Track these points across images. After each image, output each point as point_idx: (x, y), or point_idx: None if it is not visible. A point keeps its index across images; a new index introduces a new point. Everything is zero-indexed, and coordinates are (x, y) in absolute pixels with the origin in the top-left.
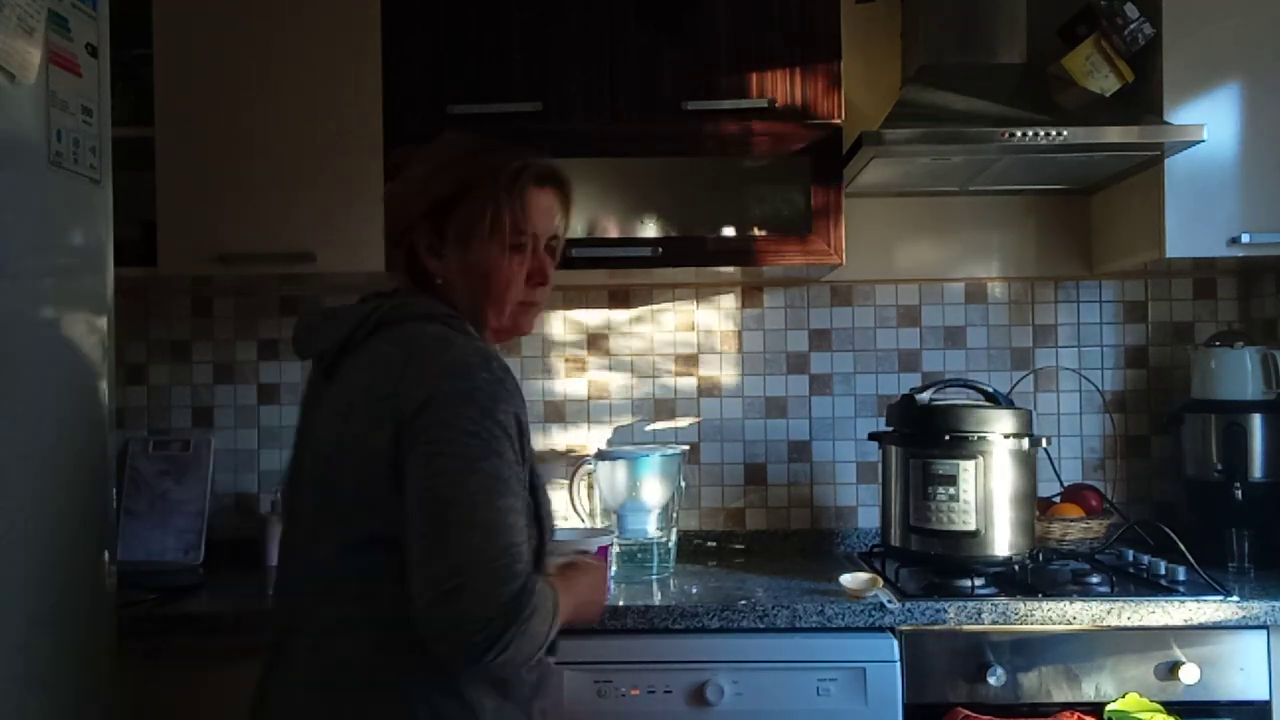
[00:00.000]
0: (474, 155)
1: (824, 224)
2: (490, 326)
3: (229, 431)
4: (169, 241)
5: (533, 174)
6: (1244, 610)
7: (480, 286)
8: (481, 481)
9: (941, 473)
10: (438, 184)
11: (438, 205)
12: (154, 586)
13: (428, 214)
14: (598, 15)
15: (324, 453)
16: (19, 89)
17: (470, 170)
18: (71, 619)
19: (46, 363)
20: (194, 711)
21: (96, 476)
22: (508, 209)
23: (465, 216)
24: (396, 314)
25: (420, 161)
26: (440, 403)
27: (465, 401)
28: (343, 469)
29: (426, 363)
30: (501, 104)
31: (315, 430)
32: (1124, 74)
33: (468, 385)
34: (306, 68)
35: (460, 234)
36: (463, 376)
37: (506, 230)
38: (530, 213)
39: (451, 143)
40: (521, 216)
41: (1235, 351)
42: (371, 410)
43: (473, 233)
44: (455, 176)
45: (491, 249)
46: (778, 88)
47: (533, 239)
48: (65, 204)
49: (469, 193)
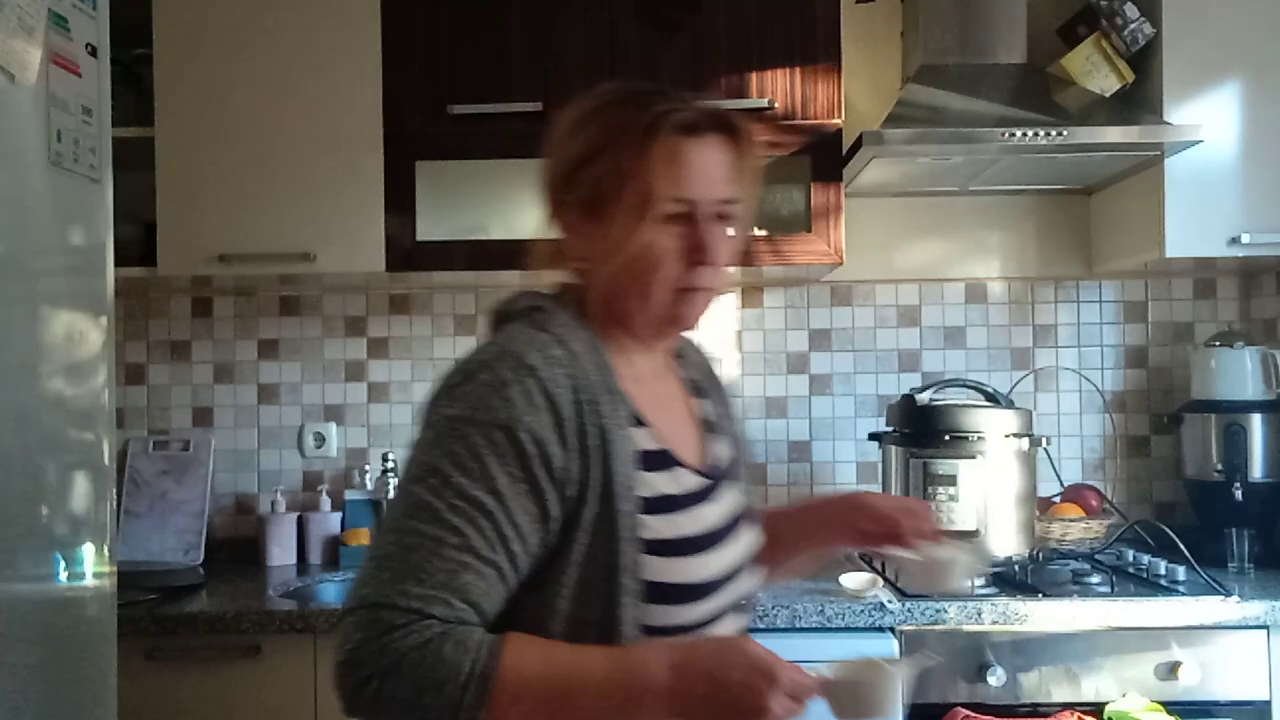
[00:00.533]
0: (610, 106)
1: (824, 224)
2: (637, 319)
3: (229, 431)
4: (169, 241)
5: (675, 124)
6: (1244, 610)
7: (619, 269)
8: (405, 505)
9: (941, 473)
10: (570, 146)
11: (570, 171)
12: (154, 586)
13: (563, 183)
14: (598, 15)
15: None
16: (19, 89)
17: (600, 125)
18: (71, 619)
19: (47, 363)
20: (194, 711)
21: (96, 476)
22: (638, 171)
23: (593, 184)
24: (501, 312)
25: (561, 120)
26: (424, 413)
27: (437, 411)
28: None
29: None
30: (501, 104)
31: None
32: (1124, 74)
33: (450, 393)
34: (306, 68)
35: (591, 205)
36: (454, 383)
37: (638, 198)
38: (675, 173)
39: (598, 94)
40: (657, 179)
41: (1235, 351)
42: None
43: (603, 203)
44: (585, 135)
45: (626, 221)
46: (778, 88)
47: (691, 205)
48: (65, 204)
49: (598, 154)
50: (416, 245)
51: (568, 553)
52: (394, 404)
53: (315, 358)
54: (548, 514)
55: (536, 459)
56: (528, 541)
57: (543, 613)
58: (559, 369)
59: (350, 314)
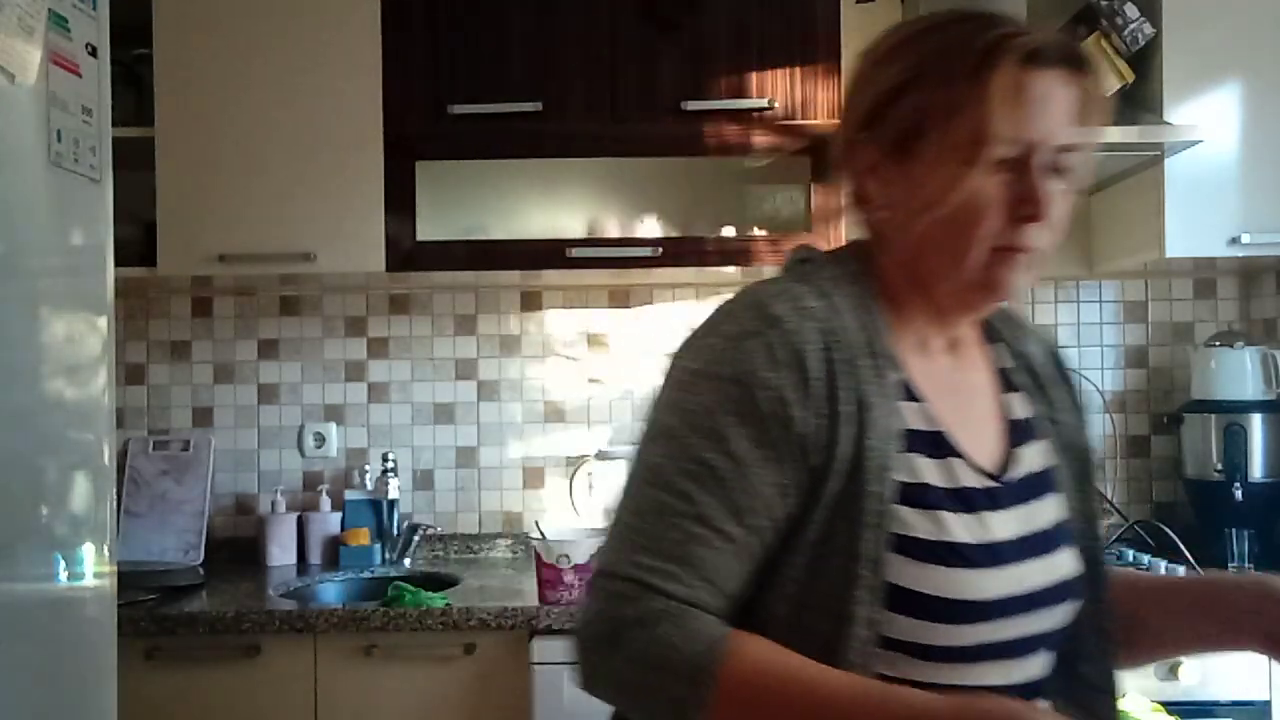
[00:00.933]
0: (935, 29)
1: (824, 224)
2: (943, 283)
3: (229, 431)
4: (169, 241)
5: (1019, 51)
6: None
7: (931, 220)
8: (639, 465)
9: None
10: (881, 75)
11: (878, 105)
12: (154, 586)
13: (868, 119)
14: (598, 15)
15: None
16: (19, 89)
17: (919, 51)
18: (71, 619)
19: (46, 363)
20: (194, 711)
21: (96, 476)
22: (970, 105)
23: (906, 117)
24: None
25: (870, 49)
26: (665, 368)
27: (676, 364)
28: None
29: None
30: (501, 104)
31: None
32: (1124, 74)
33: (690, 345)
34: (306, 68)
35: (900, 142)
36: (696, 335)
37: (968, 136)
38: (1016, 110)
39: (916, 20)
40: (994, 115)
41: (1235, 351)
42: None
43: (916, 140)
44: (903, 62)
45: (945, 163)
46: (778, 88)
47: (1024, 149)
48: (65, 204)
49: (914, 83)
50: (416, 245)
51: (802, 532)
52: (394, 404)
53: (315, 358)
54: (787, 483)
55: (776, 420)
56: (771, 513)
57: (764, 600)
58: (810, 322)
59: (350, 314)
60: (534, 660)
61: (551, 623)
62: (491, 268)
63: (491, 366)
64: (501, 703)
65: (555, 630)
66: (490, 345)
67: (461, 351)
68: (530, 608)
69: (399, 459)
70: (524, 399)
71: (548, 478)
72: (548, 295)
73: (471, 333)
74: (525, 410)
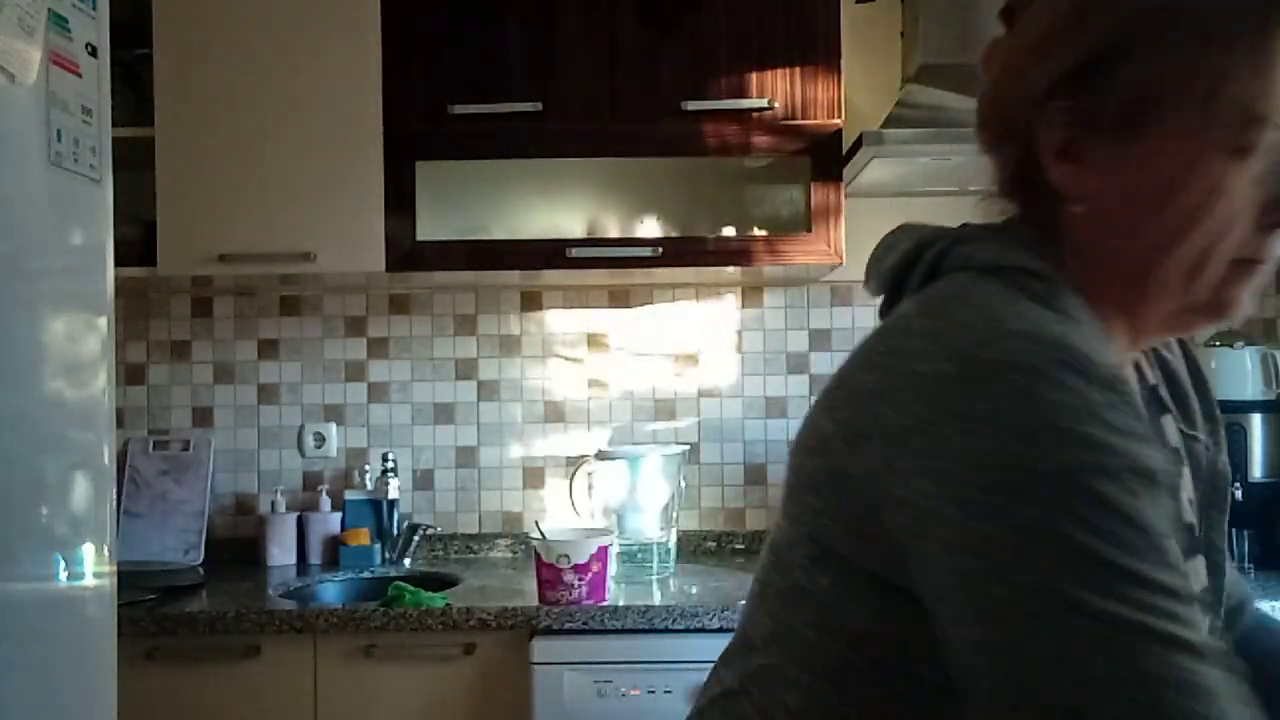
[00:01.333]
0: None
1: (824, 224)
2: (1160, 301)
3: (229, 431)
4: (169, 241)
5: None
6: None
7: (1156, 218)
8: (1016, 609)
9: None
10: (1084, 31)
11: (1080, 70)
12: (154, 586)
13: (1070, 80)
14: (598, 15)
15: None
16: (19, 89)
17: (1152, 3)
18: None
19: (46, 363)
20: (194, 711)
21: (96, 476)
22: (1242, 70)
23: (1139, 84)
24: (951, 259)
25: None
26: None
27: (961, 454)
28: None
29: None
30: (501, 104)
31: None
32: None
33: (965, 416)
34: (306, 68)
35: (1129, 116)
36: (953, 398)
37: (1233, 112)
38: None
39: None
40: (1272, 88)
41: (1235, 351)
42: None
43: (1156, 113)
44: (1119, 14)
45: (1197, 149)
46: (778, 88)
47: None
48: (65, 204)
49: (1149, 43)
50: (416, 245)
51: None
52: (394, 404)
53: (315, 358)
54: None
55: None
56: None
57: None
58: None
59: (350, 314)
60: (534, 660)
61: (551, 623)
62: (491, 268)
63: (491, 366)
64: (501, 703)
65: (555, 630)
66: (490, 345)
67: (461, 351)
68: (530, 608)
69: (399, 459)
70: (524, 399)
71: (548, 478)
72: (548, 295)
73: (471, 333)
74: (525, 410)
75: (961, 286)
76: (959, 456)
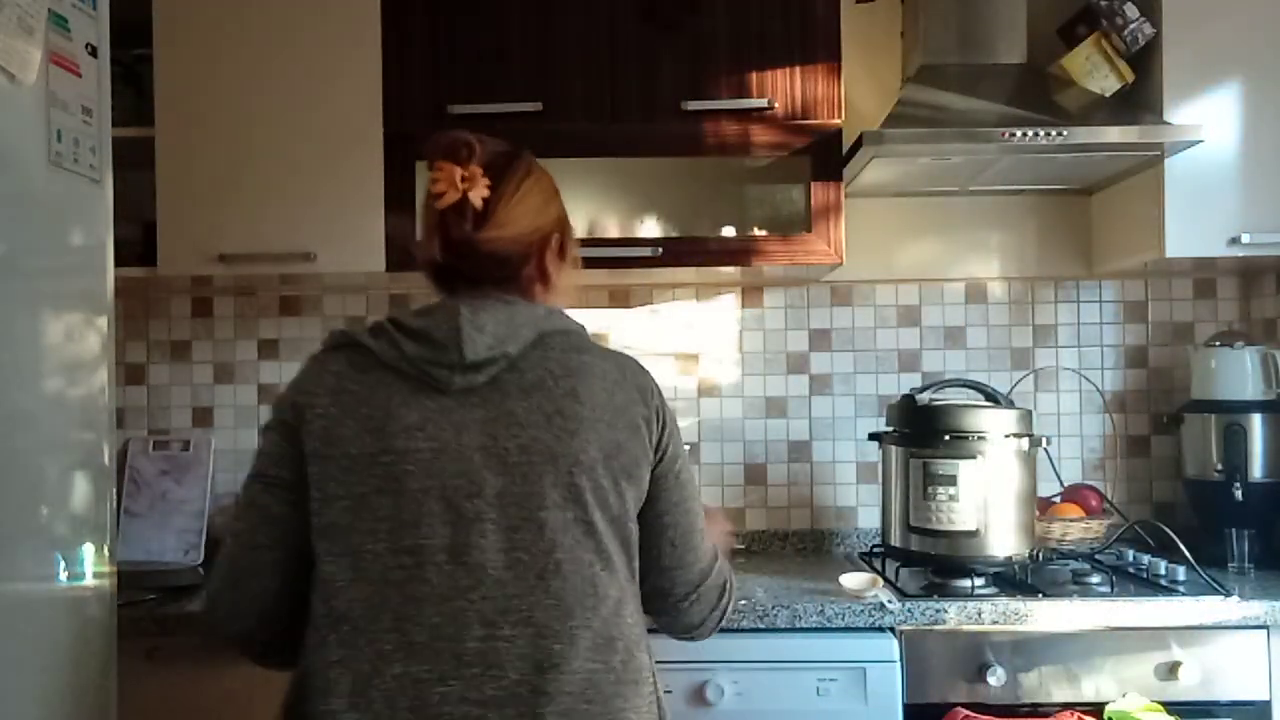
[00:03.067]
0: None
1: (824, 224)
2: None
3: (229, 431)
4: (169, 241)
5: None
6: (1244, 610)
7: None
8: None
9: (941, 473)
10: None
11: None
12: (154, 586)
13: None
14: (598, 15)
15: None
16: (19, 89)
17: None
18: (71, 619)
19: (46, 363)
20: (194, 711)
21: (96, 476)
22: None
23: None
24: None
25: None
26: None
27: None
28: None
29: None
30: (501, 104)
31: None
32: (1124, 74)
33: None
34: (306, 68)
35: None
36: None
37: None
38: None
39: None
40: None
41: (1235, 351)
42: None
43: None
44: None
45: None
46: (778, 88)
47: None
48: (65, 204)
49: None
50: (417, 245)
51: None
52: None
53: None
54: None
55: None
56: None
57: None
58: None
59: (350, 314)
60: None
61: None
62: None
63: None
64: None
65: None
66: None
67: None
68: None
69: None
70: None
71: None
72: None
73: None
74: None
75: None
76: None
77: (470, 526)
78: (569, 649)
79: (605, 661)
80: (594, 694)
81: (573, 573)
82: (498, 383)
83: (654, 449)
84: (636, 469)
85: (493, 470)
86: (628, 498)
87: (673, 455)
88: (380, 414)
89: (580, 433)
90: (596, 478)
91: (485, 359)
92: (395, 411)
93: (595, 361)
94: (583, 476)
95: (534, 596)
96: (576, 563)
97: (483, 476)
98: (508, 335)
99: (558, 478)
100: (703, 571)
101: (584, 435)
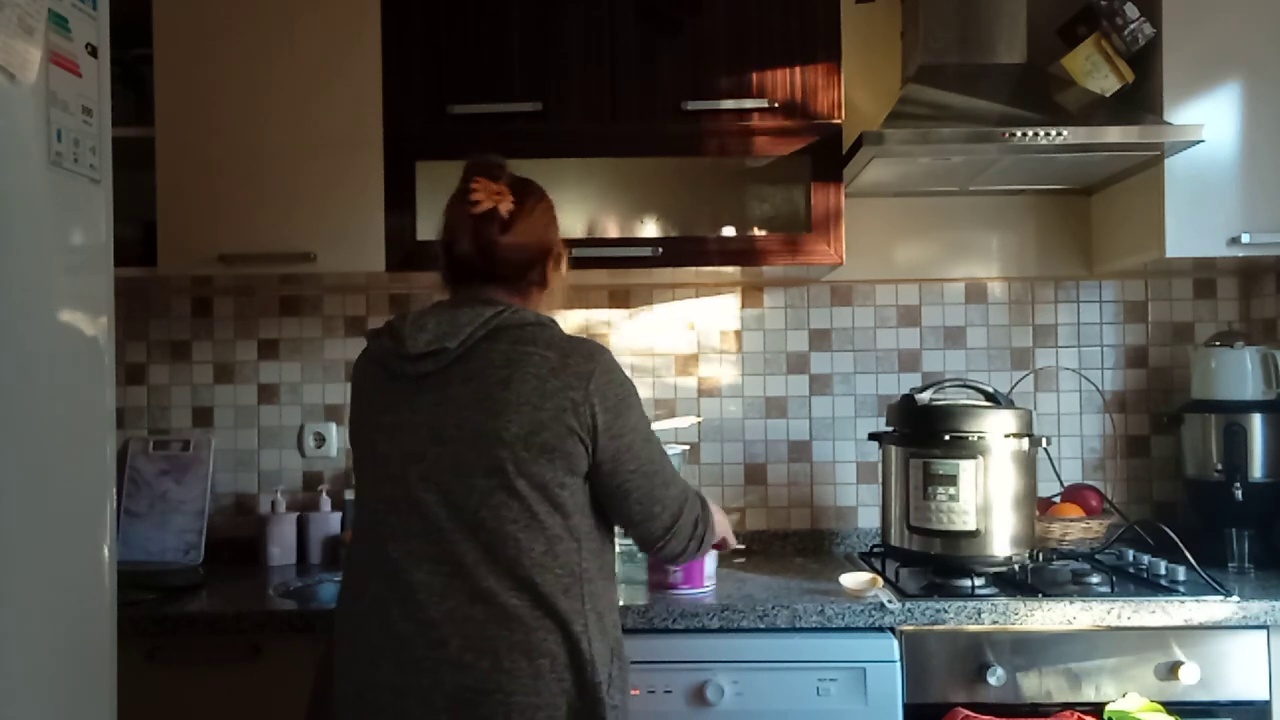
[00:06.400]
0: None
1: (824, 224)
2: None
3: (229, 431)
4: (169, 241)
5: None
6: (1244, 610)
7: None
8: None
9: (941, 473)
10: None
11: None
12: (154, 586)
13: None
14: (598, 15)
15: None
16: (19, 89)
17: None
18: (71, 619)
19: (46, 363)
20: (194, 711)
21: (96, 476)
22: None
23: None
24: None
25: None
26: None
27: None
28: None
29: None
30: (501, 104)
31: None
32: (1124, 74)
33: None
34: (306, 68)
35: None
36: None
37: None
38: None
39: None
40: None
41: (1235, 351)
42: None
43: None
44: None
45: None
46: (778, 87)
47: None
48: (65, 204)
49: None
50: (416, 245)
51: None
52: None
53: (315, 358)
54: None
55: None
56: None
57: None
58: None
59: (350, 314)
60: None
61: None
62: None
63: None
64: None
65: None
66: None
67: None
68: None
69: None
70: None
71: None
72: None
73: None
74: None
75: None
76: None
77: (418, 484)
78: (493, 587)
79: (521, 601)
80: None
81: (495, 528)
82: (446, 372)
83: (586, 428)
84: (561, 444)
85: (435, 443)
86: (557, 467)
87: (619, 430)
88: (367, 396)
89: (503, 414)
90: (517, 451)
91: (425, 352)
92: (375, 394)
93: (537, 352)
94: (504, 450)
95: (465, 545)
96: (499, 520)
97: (427, 447)
98: (448, 333)
99: (482, 451)
100: (673, 517)
101: (506, 416)
